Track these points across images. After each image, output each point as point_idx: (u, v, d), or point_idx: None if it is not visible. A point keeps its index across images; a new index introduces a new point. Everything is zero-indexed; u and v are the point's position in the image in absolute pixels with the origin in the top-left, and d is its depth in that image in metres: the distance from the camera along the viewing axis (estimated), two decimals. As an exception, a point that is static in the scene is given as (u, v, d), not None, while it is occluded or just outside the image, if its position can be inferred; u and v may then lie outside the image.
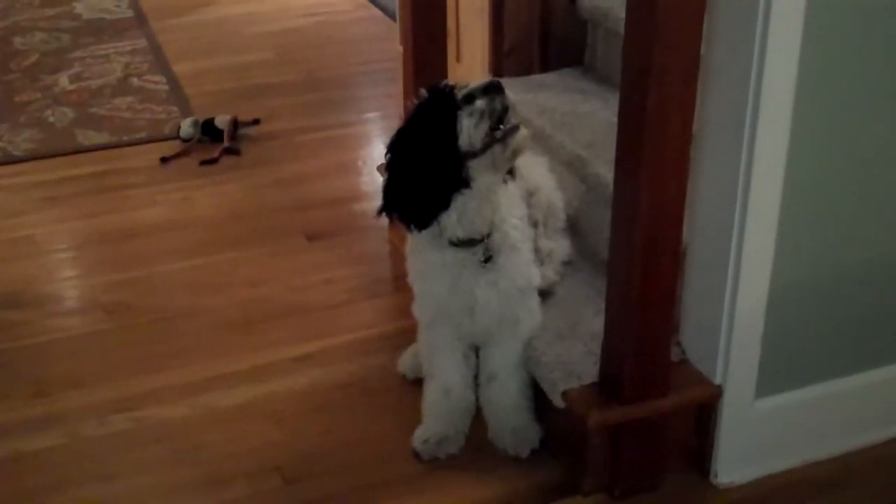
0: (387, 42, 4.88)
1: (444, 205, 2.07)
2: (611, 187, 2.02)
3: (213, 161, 3.77)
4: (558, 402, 2.13)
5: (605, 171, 2.37)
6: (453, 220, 2.10)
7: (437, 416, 2.33)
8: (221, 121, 3.90)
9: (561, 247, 2.48)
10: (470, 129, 2.00)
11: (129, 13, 5.56)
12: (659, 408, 2.10)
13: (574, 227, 2.59)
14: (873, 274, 2.17)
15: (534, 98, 2.88)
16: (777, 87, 1.85)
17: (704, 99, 1.95)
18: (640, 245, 1.92)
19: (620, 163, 1.95)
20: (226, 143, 3.84)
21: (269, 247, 3.21)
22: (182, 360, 2.67)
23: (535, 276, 2.26)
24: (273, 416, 2.46)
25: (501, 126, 2.01)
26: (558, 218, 2.49)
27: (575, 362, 2.17)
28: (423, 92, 2.09)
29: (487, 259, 2.15)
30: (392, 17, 5.13)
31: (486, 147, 2.01)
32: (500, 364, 2.28)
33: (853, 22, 1.89)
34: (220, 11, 5.58)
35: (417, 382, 2.45)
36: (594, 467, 2.16)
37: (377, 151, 3.79)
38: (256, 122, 4.06)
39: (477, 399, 2.34)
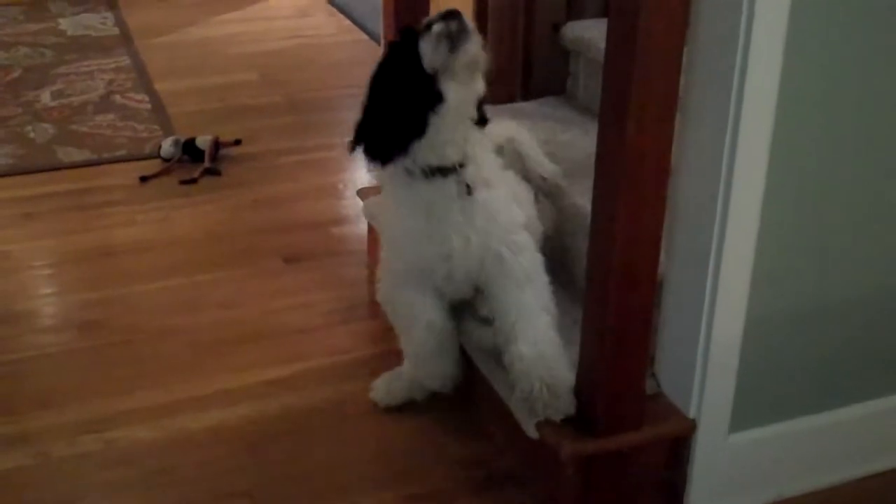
0: (371, 66, 4.86)
1: (421, 127, 2.08)
2: (589, 218, 2.01)
3: (193, 181, 3.76)
4: (532, 432, 2.12)
5: (583, 201, 2.37)
6: (426, 146, 2.10)
7: (429, 353, 2.34)
8: (202, 141, 3.89)
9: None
10: (429, 53, 2.04)
11: (115, 31, 5.55)
12: (632, 441, 2.09)
13: (551, 256, 2.58)
14: (850, 309, 2.17)
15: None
16: (755, 122, 1.85)
17: (683, 133, 1.95)
18: (615, 277, 1.92)
19: (598, 195, 1.94)
20: (206, 164, 3.83)
21: (245, 269, 3.20)
22: (154, 381, 2.64)
23: (518, 214, 2.24)
24: (244, 440, 2.44)
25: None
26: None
27: (549, 393, 2.15)
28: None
29: (468, 190, 2.15)
30: (377, 40, 5.14)
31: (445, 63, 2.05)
32: (516, 317, 2.16)
33: (832, 61, 1.90)
34: (205, 31, 5.58)
35: (391, 410, 2.45)
36: (567, 499, 2.14)
37: (358, 175, 3.78)
38: (238, 142, 4.05)
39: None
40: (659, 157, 1.85)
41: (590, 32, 2.93)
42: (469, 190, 2.15)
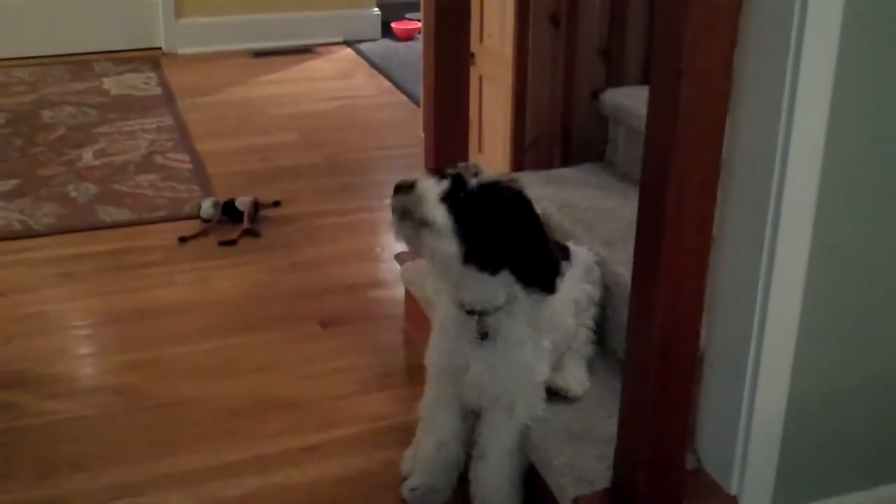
0: (410, 128, 4.90)
1: None
2: (629, 287, 1.99)
3: (232, 242, 3.77)
4: (569, 508, 2.08)
5: (623, 270, 2.34)
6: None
7: (428, 469, 2.35)
8: (242, 202, 3.90)
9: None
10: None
11: (158, 90, 5.62)
12: (672, 517, 2.05)
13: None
14: (894, 384, 2.12)
15: (554, 193, 2.86)
16: (798, 195, 1.82)
17: (725, 204, 1.92)
18: (656, 350, 1.88)
19: (638, 265, 1.91)
20: (245, 225, 3.85)
21: (282, 332, 3.19)
22: (188, 446, 2.62)
23: (541, 372, 2.25)
24: (277, 508, 2.42)
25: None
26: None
27: (587, 467, 2.12)
28: None
29: (483, 336, 2.17)
30: (417, 102, 5.16)
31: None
32: (492, 446, 2.26)
33: (876, 135, 1.88)
34: (247, 92, 5.63)
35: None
36: (604, 576, 2.10)
37: (396, 239, 3.77)
38: (277, 204, 4.07)
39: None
40: (701, 229, 1.82)
41: (629, 100, 2.92)
42: (482, 336, 2.18)
